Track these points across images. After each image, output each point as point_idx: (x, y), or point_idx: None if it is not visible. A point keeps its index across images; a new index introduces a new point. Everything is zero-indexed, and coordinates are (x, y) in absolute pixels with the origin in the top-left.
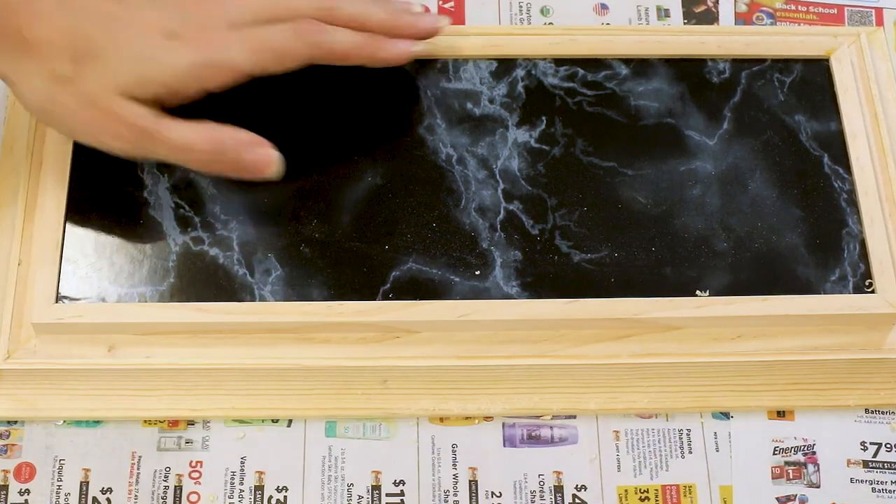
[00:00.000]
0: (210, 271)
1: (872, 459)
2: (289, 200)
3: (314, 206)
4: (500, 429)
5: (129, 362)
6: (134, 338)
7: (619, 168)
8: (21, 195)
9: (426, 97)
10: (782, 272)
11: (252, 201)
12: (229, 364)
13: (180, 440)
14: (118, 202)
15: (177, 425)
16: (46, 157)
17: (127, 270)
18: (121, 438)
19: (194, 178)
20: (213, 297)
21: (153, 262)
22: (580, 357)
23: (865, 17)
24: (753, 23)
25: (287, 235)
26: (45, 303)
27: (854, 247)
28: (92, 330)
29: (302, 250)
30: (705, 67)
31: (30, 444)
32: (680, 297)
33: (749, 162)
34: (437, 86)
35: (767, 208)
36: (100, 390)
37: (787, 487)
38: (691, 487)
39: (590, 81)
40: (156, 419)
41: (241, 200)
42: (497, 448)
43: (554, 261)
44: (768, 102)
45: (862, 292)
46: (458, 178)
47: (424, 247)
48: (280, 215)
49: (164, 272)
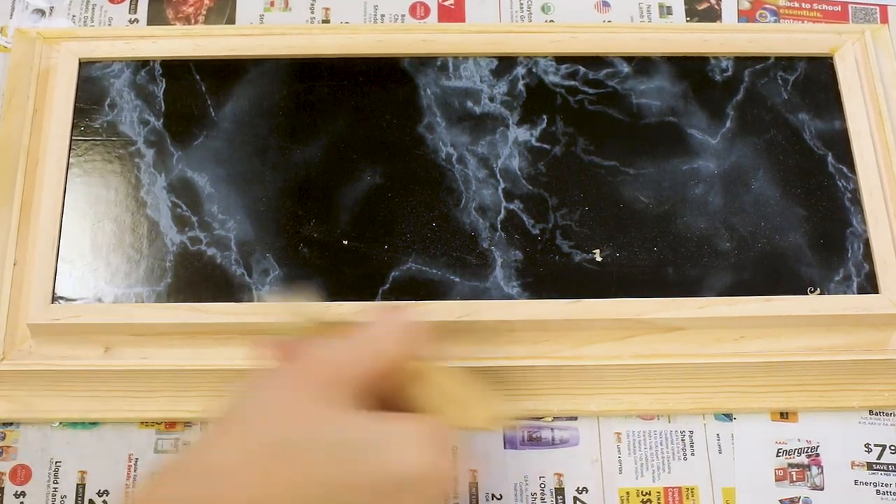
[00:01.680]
0: (207, 271)
1: (877, 461)
2: (287, 200)
3: (312, 206)
4: (501, 430)
5: (126, 363)
6: (130, 338)
7: (621, 167)
8: (17, 195)
9: (426, 95)
10: (785, 272)
11: (250, 201)
12: (227, 365)
13: (177, 442)
14: (114, 202)
15: (174, 427)
16: (42, 157)
17: (123, 270)
18: (118, 440)
19: (191, 178)
20: (210, 298)
21: (150, 263)
22: (581, 358)
23: (870, 14)
24: (757, 20)
25: (285, 235)
26: (41, 303)
27: (858, 246)
28: (88, 331)
29: (300, 250)
30: (708, 65)
31: (25, 447)
32: (682, 297)
33: (752, 161)
34: (436, 84)
35: (771, 208)
36: (96, 392)
37: (790, 490)
38: (693, 490)
39: (591, 79)
40: (153, 420)
41: (239, 200)
42: (498, 450)
43: (555, 261)
44: (772, 101)
45: (866, 293)
46: (458, 178)
47: (424, 247)
48: (278, 215)
49: (161, 272)
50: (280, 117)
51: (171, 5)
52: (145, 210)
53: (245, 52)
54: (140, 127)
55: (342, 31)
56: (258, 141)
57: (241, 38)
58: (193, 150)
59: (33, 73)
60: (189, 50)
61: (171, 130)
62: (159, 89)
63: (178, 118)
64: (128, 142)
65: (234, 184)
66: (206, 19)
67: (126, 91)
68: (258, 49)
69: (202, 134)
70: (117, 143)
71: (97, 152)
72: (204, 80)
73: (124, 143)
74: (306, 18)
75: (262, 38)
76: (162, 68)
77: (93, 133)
